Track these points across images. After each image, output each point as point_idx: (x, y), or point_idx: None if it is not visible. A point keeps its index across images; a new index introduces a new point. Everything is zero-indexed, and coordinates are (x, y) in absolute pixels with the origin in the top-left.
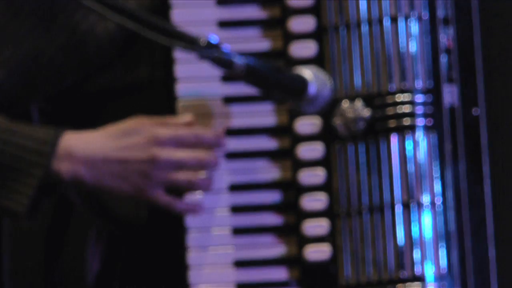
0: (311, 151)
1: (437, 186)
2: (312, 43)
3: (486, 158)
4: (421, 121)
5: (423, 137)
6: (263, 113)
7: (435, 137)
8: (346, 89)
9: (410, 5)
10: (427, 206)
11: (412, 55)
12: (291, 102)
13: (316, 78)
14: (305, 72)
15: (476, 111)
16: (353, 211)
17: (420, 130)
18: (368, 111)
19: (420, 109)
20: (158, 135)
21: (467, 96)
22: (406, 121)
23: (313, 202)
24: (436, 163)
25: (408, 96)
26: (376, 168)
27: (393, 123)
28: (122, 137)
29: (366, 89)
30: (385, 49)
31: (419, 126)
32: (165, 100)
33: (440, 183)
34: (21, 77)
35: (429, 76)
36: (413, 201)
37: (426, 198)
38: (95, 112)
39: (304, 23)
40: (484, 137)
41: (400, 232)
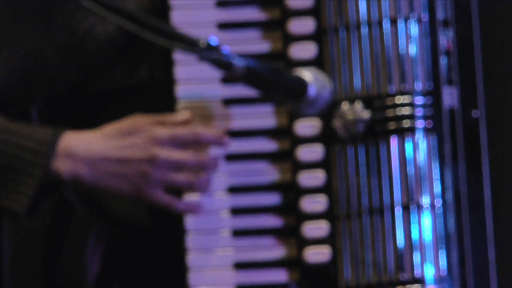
0: (310, 153)
1: (437, 188)
2: (311, 45)
3: (486, 160)
4: (420, 123)
5: (422, 139)
6: (262, 115)
7: (434, 139)
8: (346, 91)
9: (409, 7)
10: (426, 208)
11: (412, 57)
12: (291, 104)
13: (316, 80)
14: (304, 74)
15: (475, 113)
16: (353, 213)
17: (419, 132)
18: (367, 113)
19: (419, 111)
20: (158, 134)
21: (466, 98)
22: (405, 123)
23: (313, 204)
24: (435, 165)
25: (407, 98)
26: (376, 170)
27: (392, 125)
28: (122, 136)
29: (366, 91)
30: (384, 51)
31: (419, 128)
32: (165, 102)
33: (440, 185)
34: (20, 78)
35: (429, 78)
36: (412, 203)
37: (425, 200)
38: (95, 113)
39: (303, 25)
40: (484, 139)
41: (400, 234)
